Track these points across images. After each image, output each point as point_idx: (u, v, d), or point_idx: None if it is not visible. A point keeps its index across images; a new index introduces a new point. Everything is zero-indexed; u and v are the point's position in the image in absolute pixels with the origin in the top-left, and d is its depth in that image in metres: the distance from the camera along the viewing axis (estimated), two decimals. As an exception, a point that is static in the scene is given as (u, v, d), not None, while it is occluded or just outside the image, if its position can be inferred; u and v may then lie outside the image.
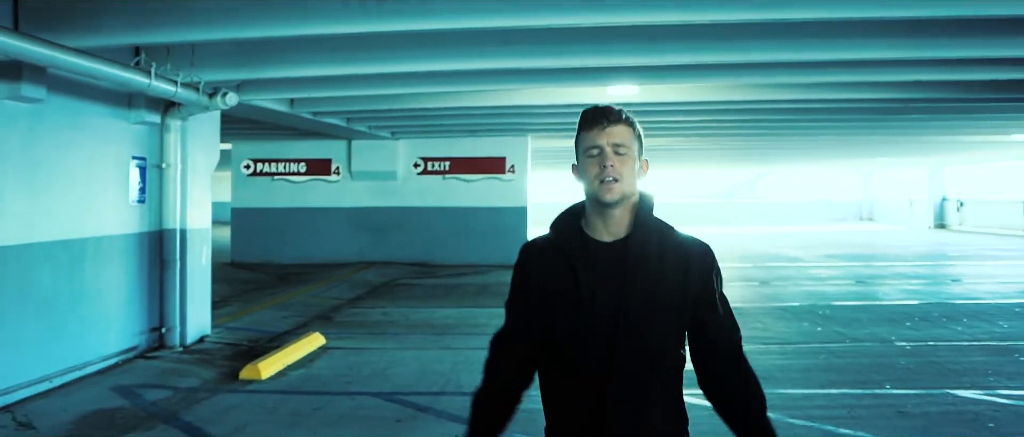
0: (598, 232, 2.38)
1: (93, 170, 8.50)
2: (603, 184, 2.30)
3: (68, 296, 8.11)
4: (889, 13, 6.68)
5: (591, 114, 2.37)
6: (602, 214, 2.37)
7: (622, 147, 2.32)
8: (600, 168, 2.31)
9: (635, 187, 2.38)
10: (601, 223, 2.38)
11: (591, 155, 2.34)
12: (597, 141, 2.32)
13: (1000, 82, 11.15)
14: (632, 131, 2.37)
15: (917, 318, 11.50)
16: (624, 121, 2.36)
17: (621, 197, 2.32)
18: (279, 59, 8.84)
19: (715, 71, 10.08)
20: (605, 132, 2.32)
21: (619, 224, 2.37)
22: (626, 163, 2.33)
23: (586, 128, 2.37)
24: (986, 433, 6.12)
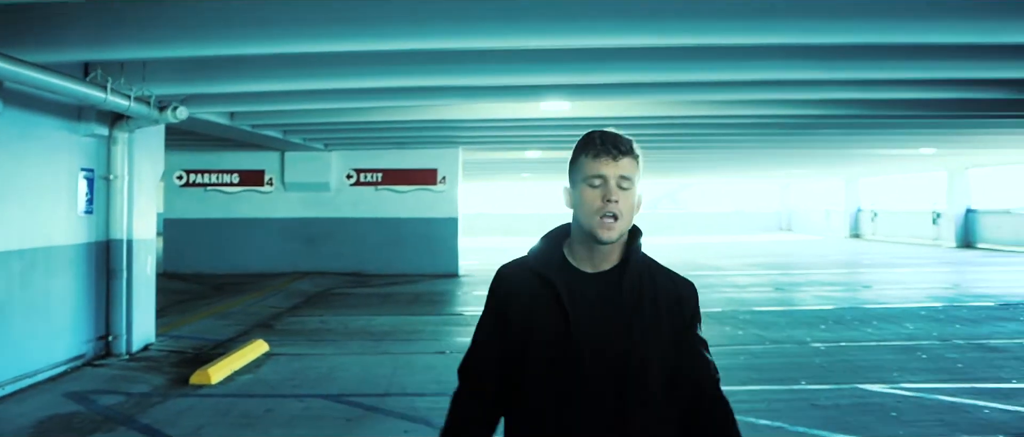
0: (582, 262, 2.27)
1: (44, 181, 8.69)
2: (602, 220, 2.17)
3: (20, 304, 8.29)
4: (804, 39, 7.30)
5: (599, 141, 2.21)
6: (590, 248, 2.24)
7: (627, 181, 2.19)
8: (602, 202, 2.17)
9: (631, 222, 2.26)
10: (587, 255, 2.26)
11: (593, 185, 2.19)
12: (602, 171, 2.18)
13: (907, 100, 11.99)
14: (637, 164, 2.25)
15: (831, 321, 12.25)
16: (633, 154, 2.22)
17: (618, 236, 2.21)
18: (224, 75, 9.12)
19: (643, 89, 10.66)
20: (614, 163, 2.19)
21: (607, 257, 2.25)
22: (628, 199, 2.20)
23: (591, 154, 2.21)
24: (889, 421, 6.76)
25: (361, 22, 7.14)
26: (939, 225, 33.20)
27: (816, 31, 7.11)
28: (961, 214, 31.78)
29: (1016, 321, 12.18)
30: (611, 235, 2.18)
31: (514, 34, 7.23)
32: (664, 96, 11.25)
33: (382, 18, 7.09)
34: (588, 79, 9.61)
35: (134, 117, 9.25)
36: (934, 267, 22.69)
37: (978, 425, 6.65)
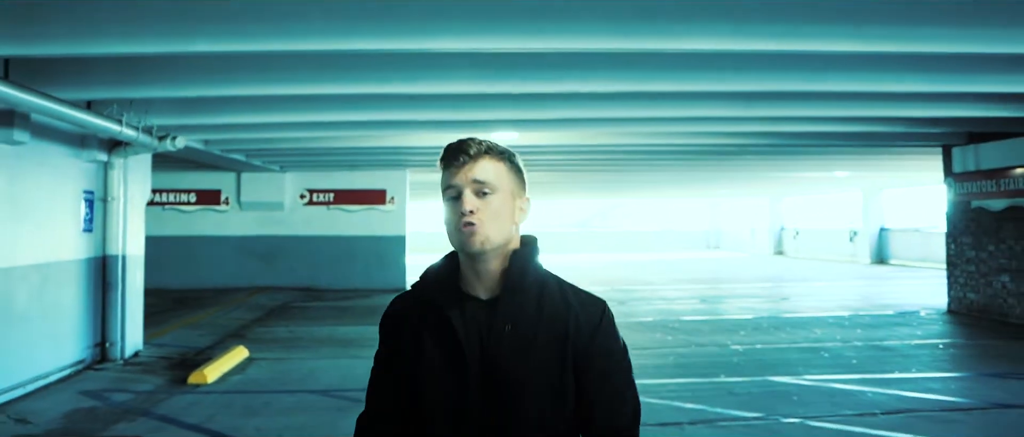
0: (474, 288, 2.06)
1: (55, 203, 9.75)
2: (464, 231, 1.97)
3: (38, 313, 9.33)
4: (722, 87, 8.74)
5: (450, 148, 2.04)
6: (473, 267, 2.04)
7: (486, 185, 1.99)
8: (458, 212, 1.98)
9: (507, 233, 2.03)
10: (474, 277, 2.05)
11: (450, 198, 2.02)
12: (453, 180, 2.00)
13: (819, 133, 13.64)
14: (504, 165, 2.05)
15: (750, 328, 13.76)
16: (489, 153, 2.03)
17: (485, 245, 1.98)
18: (209, 109, 10.32)
19: (583, 122, 12.04)
20: (463, 169, 1.99)
21: (495, 278, 2.05)
22: (490, 204, 1.99)
23: (445, 165, 2.04)
24: (791, 403, 8.19)
25: (334, 68, 8.38)
26: (855, 243, 35.24)
27: (730, 80, 8.56)
28: (875, 232, 33.90)
29: (908, 326, 13.86)
30: (475, 243, 1.96)
31: (471, 79, 8.51)
32: (602, 128, 12.66)
33: (352, 66, 8.34)
34: (534, 116, 10.94)
35: (135, 145, 10.34)
36: (848, 281, 24.52)
37: (860, 404, 8.14)
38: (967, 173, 14.95)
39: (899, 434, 7.03)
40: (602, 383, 2.04)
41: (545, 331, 2.01)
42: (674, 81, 8.51)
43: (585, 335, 2.02)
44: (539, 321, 2.01)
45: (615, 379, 2.07)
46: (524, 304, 2.03)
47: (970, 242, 15.13)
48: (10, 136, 8.28)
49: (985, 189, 14.44)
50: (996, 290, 14.39)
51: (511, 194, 2.05)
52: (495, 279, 2.05)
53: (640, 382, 6.79)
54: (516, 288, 2.03)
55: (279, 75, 8.42)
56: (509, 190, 2.04)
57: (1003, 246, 14.19)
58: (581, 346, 2.02)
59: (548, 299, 2.05)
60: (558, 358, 2.00)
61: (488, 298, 2.05)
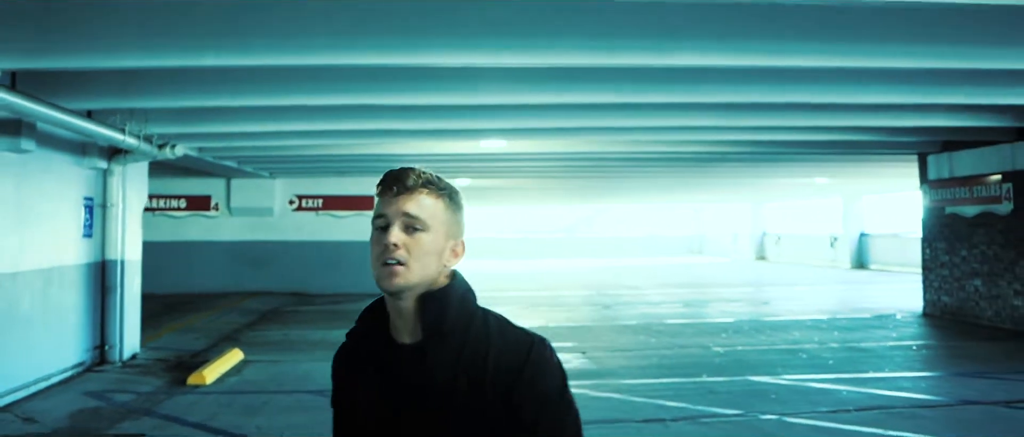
0: (399, 332, 1.88)
1: (58, 209, 10.05)
2: (385, 267, 1.80)
3: (41, 316, 9.61)
4: (704, 99, 9.13)
5: (387, 176, 1.89)
6: (395, 308, 1.86)
7: (417, 221, 1.82)
8: (382, 247, 1.81)
9: (431, 275, 1.84)
10: (398, 319, 1.87)
11: (378, 227, 1.85)
12: (384, 209, 1.85)
13: (799, 142, 14.07)
14: (440, 201, 1.87)
15: (731, 331, 14.15)
16: (425, 186, 1.86)
17: (405, 286, 1.80)
18: (205, 118, 10.62)
19: (569, 131, 12.41)
20: (397, 200, 1.84)
21: (415, 321, 1.85)
22: (418, 242, 1.81)
23: (378, 193, 1.89)
24: (769, 401, 8.57)
25: (327, 80, 8.67)
26: (836, 248, 35.77)
27: (713, 92, 8.95)
28: (855, 238, 34.44)
29: (884, 329, 14.31)
30: (394, 282, 1.79)
31: (460, 91, 8.84)
32: (588, 136, 13.04)
33: (344, 78, 8.63)
34: (522, 125, 11.29)
35: (135, 153, 10.64)
36: (828, 286, 25.00)
37: (835, 402, 8.53)
38: (941, 180, 15.42)
39: (870, 429, 7.42)
40: (533, 433, 1.76)
41: (465, 380, 1.78)
42: (658, 93, 8.86)
43: (504, 381, 1.76)
44: (457, 368, 1.79)
45: (547, 429, 1.77)
46: (447, 349, 1.81)
47: (944, 247, 15.59)
48: (17, 145, 8.57)
49: (959, 196, 14.90)
50: (969, 294, 14.84)
51: (445, 235, 1.86)
52: (416, 322, 1.84)
53: (626, 381, 7.15)
54: (434, 333, 1.82)
55: (273, 86, 8.72)
56: (443, 230, 1.85)
57: (975, 251, 14.64)
58: (501, 393, 1.76)
59: (470, 343, 1.82)
60: (479, 410, 1.77)
61: (412, 343, 1.85)
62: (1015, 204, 13.55)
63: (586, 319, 16.06)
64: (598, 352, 11.93)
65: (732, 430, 7.50)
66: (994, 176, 13.88)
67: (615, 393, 9.05)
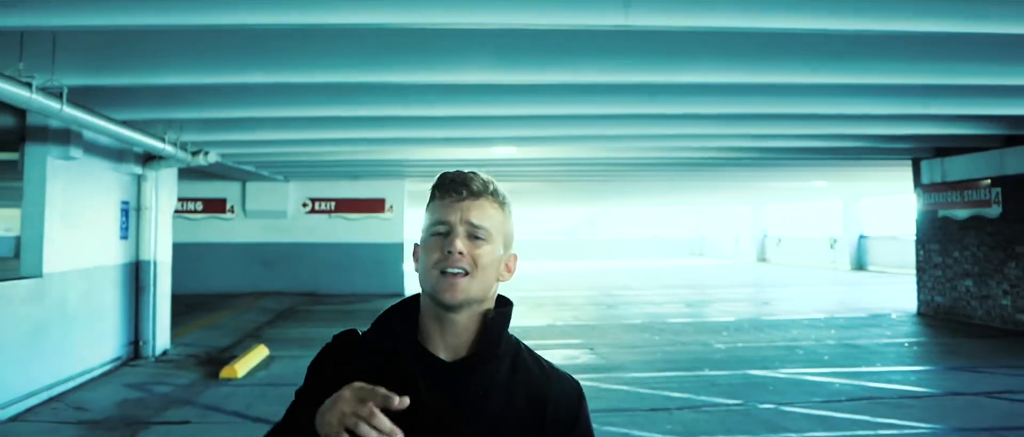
0: (435, 345, 1.73)
1: (99, 212, 10.70)
2: (444, 276, 1.67)
3: (85, 313, 10.25)
4: (706, 110, 9.75)
5: (447, 180, 1.76)
6: (440, 320, 1.72)
7: (481, 230, 1.71)
8: (442, 254, 1.68)
9: (490, 289, 1.74)
10: (438, 333, 1.72)
11: (437, 233, 1.71)
12: (447, 216, 1.71)
13: (797, 148, 14.69)
14: (501, 211, 1.77)
15: (732, 329, 14.79)
16: (491, 195, 1.76)
17: (466, 299, 1.68)
18: (233, 127, 11.23)
19: (577, 139, 13.04)
20: (460, 206, 1.71)
21: (463, 337, 1.72)
22: (483, 252, 1.70)
23: (437, 197, 1.76)
24: (767, 393, 9.20)
25: (345, 93, 9.16)
26: (836, 250, 36.38)
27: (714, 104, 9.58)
28: (855, 240, 35.04)
29: (879, 327, 14.94)
30: (455, 295, 1.67)
31: (471, 104, 9.40)
32: (595, 143, 13.67)
33: (362, 91, 9.15)
34: (531, 133, 11.89)
35: (169, 159, 11.28)
36: (826, 287, 25.60)
37: (828, 393, 9.16)
38: (934, 185, 16.04)
39: (859, 416, 8.05)
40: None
41: (519, 406, 1.70)
42: (665, 105, 9.45)
43: (565, 418, 1.73)
44: (512, 394, 1.70)
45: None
46: (497, 373, 1.71)
47: (937, 249, 16.21)
48: (66, 152, 9.23)
49: (951, 200, 15.53)
50: (960, 293, 15.46)
51: (503, 247, 1.76)
52: (463, 339, 1.72)
53: (633, 374, 7.82)
54: (491, 354, 1.72)
55: (296, 98, 9.24)
56: (502, 242, 1.76)
57: (967, 252, 15.27)
58: (559, 430, 1.71)
59: (522, 370, 1.75)
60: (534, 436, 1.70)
61: (451, 360, 1.71)
62: (1004, 207, 14.17)
63: (592, 318, 16.70)
64: (605, 348, 12.57)
65: (731, 417, 8.13)
66: (984, 181, 14.50)
67: (623, 385, 9.68)
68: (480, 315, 1.73)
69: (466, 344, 1.72)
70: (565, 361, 11.29)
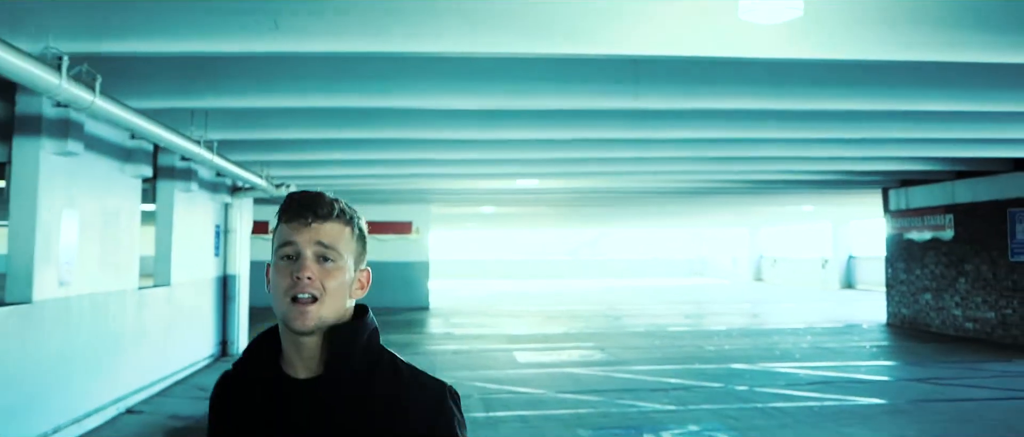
0: (293, 366, 1.72)
1: (203, 234, 13.11)
2: (294, 304, 1.65)
3: (194, 316, 12.65)
4: (704, 135, 12.12)
5: (294, 201, 1.71)
6: (295, 343, 1.70)
7: (330, 252, 1.68)
8: (292, 279, 1.65)
9: (342, 311, 1.72)
10: (296, 354, 1.71)
11: (285, 256, 1.68)
12: (293, 238, 1.67)
13: (779, 180, 17.13)
14: (350, 230, 1.74)
15: (722, 336, 17.18)
16: (337, 216, 1.71)
17: (318, 325, 1.66)
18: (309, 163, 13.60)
19: (590, 163, 15.28)
20: (308, 229, 1.67)
21: (315, 356, 1.71)
22: (332, 275, 1.68)
23: (283, 219, 1.71)
24: (743, 378, 11.57)
25: (380, 118, 10.14)
26: (826, 270, 38.64)
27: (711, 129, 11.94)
28: (844, 260, 37.39)
29: (849, 334, 17.37)
30: (306, 322, 1.64)
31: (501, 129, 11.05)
32: (607, 173, 16.03)
33: (396, 116, 10.15)
34: (551, 156, 13.92)
35: (255, 190, 13.67)
36: (814, 303, 27.94)
37: (793, 379, 11.54)
38: (900, 211, 18.46)
39: (813, 394, 10.40)
40: None
41: (374, 420, 1.65)
42: (668, 129, 10.47)
43: (422, 423, 1.67)
44: (366, 408, 1.66)
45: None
46: (350, 388, 1.68)
47: (903, 267, 18.59)
48: (189, 186, 11.65)
49: (913, 224, 17.93)
50: (921, 306, 17.83)
51: (354, 265, 1.74)
52: (316, 356, 1.70)
53: (637, 367, 10.51)
54: (340, 368, 1.68)
55: (335, 122, 10.23)
56: (352, 261, 1.73)
57: (926, 270, 17.64)
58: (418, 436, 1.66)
59: (379, 382, 1.70)
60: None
61: (306, 378, 1.70)
62: (955, 231, 16.56)
63: (600, 327, 19.06)
64: (613, 349, 14.94)
65: (714, 394, 10.49)
66: (939, 208, 16.90)
67: (629, 374, 12.04)
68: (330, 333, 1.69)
69: (320, 362, 1.70)
70: (579, 358, 13.71)
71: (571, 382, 11.37)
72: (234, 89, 8.01)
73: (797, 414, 9.23)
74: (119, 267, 9.48)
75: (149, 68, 7.85)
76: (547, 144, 11.74)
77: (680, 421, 8.85)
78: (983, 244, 15.89)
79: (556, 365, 13.11)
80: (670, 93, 8.09)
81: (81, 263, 8.41)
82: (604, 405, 9.70)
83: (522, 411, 9.44)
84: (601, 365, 12.90)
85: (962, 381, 11.55)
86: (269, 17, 5.73)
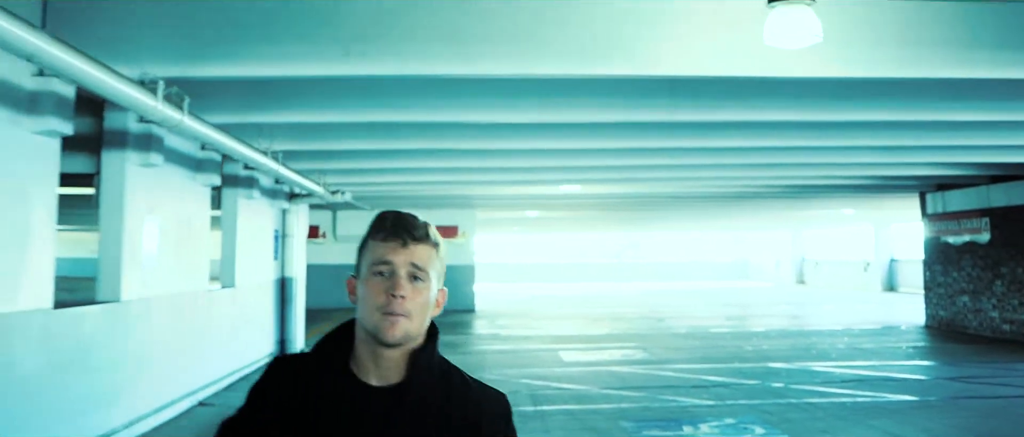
0: (366, 372, 1.80)
1: (263, 239, 13.84)
2: (386, 318, 1.73)
3: (255, 317, 13.39)
4: (746, 143, 12.61)
5: (389, 222, 1.85)
6: (374, 353, 1.78)
7: (421, 272, 1.79)
8: (387, 297, 1.74)
9: (425, 325, 1.83)
10: (371, 361, 1.79)
11: (379, 273, 1.78)
12: (390, 257, 1.78)
13: (820, 185, 17.54)
14: (436, 252, 1.86)
15: (761, 337, 17.62)
16: (428, 240, 1.85)
17: (405, 339, 1.76)
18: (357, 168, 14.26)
19: (631, 170, 15.85)
20: (404, 251, 1.79)
21: (394, 366, 1.80)
22: (421, 294, 1.79)
23: (380, 238, 1.83)
24: (779, 376, 12.06)
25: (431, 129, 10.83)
26: (869, 272, 38.74)
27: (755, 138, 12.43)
28: (886, 263, 37.44)
29: (887, 336, 17.71)
30: (395, 335, 1.73)
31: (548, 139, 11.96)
32: (649, 179, 16.56)
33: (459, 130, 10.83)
34: (594, 163, 14.59)
35: (313, 196, 14.38)
36: (856, 305, 28.19)
37: (828, 377, 11.99)
38: (937, 214, 18.76)
39: (846, 390, 10.87)
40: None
41: (457, 425, 1.78)
42: (704, 139, 11.01)
43: (490, 431, 1.81)
44: (441, 417, 1.77)
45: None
46: (427, 398, 1.78)
47: (940, 270, 18.89)
48: (251, 193, 12.37)
49: (950, 227, 18.23)
50: (958, 308, 18.12)
51: (437, 285, 1.85)
52: (393, 366, 1.79)
53: (680, 365, 11.08)
54: (422, 378, 1.80)
55: (393, 134, 11.00)
56: (437, 281, 1.85)
57: (963, 273, 17.94)
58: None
59: (454, 391, 1.83)
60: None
61: (380, 386, 1.78)
62: (991, 235, 16.86)
63: (643, 329, 19.58)
64: (655, 349, 15.46)
65: (751, 390, 10.99)
66: (975, 211, 17.20)
67: (670, 372, 12.56)
68: (412, 347, 1.79)
69: (396, 372, 1.78)
70: (622, 357, 14.25)
71: (614, 379, 11.92)
72: (299, 105, 8.73)
73: (829, 408, 9.72)
74: (192, 270, 10.22)
75: (222, 87, 8.56)
76: (589, 153, 12.35)
77: (718, 415, 9.38)
78: (1019, 247, 16.19)
79: (600, 364, 13.65)
80: (704, 107, 8.64)
81: (160, 266, 9.15)
82: (646, 400, 10.26)
83: (568, 405, 10.02)
84: (643, 364, 13.45)
85: (994, 380, 11.93)
86: (340, 45, 6.39)
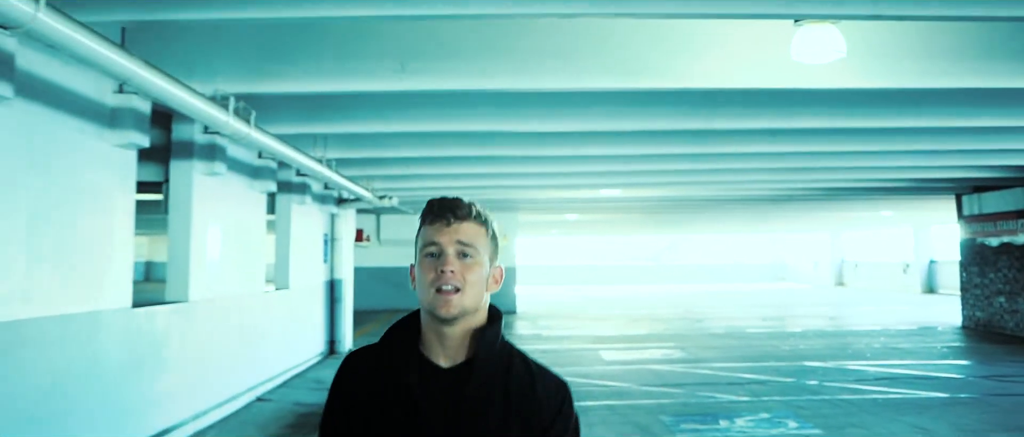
0: (435, 354, 1.93)
1: (314, 243, 14.42)
2: (439, 294, 1.86)
3: (307, 317, 13.96)
4: (778, 149, 12.96)
5: (435, 206, 1.95)
6: (438, 332, 1.91)
7: (469, 248, 1.90)
8: (436, 273, 1.87)
9: (481, 301, 1.93)
10: (437, 342, 1.92)
11: (429, 254, 1.90)
12: (437, 238, 1.89)
13: (859, 188, 17.81)
14: (485, 230, 1.97)
15: (798, 337, 17.92)
16: (475, 218, 1.94)
17: (461, 312, 1.87)
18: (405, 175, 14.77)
19: (668, 175, 16.28)
20: (449, 229, 1.90)
21: (458, 346, 1.92)
22: (471, 269, 1.89)
23: (427, 222, 1.94)
24: (814, 374, 12.39)
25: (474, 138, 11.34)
26: (908, 274, 38.74)
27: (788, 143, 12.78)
28: (925, 265, 37.43)
29: (923, 336, 17.93)
30: (450, 310, 1.85)
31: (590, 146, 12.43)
32: (678, 186, 16.95)
33: (503, 138, 11.39)
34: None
35: (363, 201, 14.93)
36: (892, 306, 28.31)
37: (862, 375, 12.31)
38: (973, 216, 18.93)
39: (879, 387, 11.19)
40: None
41: (511, 406, 1.88)
42: (739, 145, 11.40)
43: (549, 415, 1.90)
44: (506, 395, 1.89)
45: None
46: (491, 377, 1.89)
47: (977, 271, 19.05)
48: (303, 200, 12.94)
49: (986, 229, 18.40)
50: (995, 309, 18.29)
51: (489, 262, 1.96)
52: (458, 347, 1.92)
53: (716, 364, 11.57)
54: (485, 359, 1.90)
55: (440, 142, 11.44)
56: (488, 258, 1.95)
57: (999, 274, 18.11)
58: (544, 426, 1.89)
59: (515, 374, 1.93)
60: (522, 435, 1.87)
61: (449, 366, 1.91)
62: (1027, 235, 17.05)
63: (681, 329, 19.95)
64: (693, 348, 15.83)
65: (786, 387, 11.35)
66: (1012, 213, 17.38)
67: (707, 370, 12.94)
68: (474, 326, 1.92)
69: (462, 352, 1.91)
70: (661, 356, 14.65)
71: (653, 377, 12.32)
72: (354, 116, 9.26)
73: (862, 404, 10.07)
74: (250, 272, 10.80)
75: (282, 100, 9.11)
76: (629, 159, 12.77)
77: (753, 410, 9.77)
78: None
79: (639, 362, 14.05)
80: (738, 115, 9.06)
81: (222, 268, 9.72)
82: (684, 396, 10.66)
83: (609, 401, 10.46)
84: (681, 362, 13.85)
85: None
86: (396, 62, 6.90)
